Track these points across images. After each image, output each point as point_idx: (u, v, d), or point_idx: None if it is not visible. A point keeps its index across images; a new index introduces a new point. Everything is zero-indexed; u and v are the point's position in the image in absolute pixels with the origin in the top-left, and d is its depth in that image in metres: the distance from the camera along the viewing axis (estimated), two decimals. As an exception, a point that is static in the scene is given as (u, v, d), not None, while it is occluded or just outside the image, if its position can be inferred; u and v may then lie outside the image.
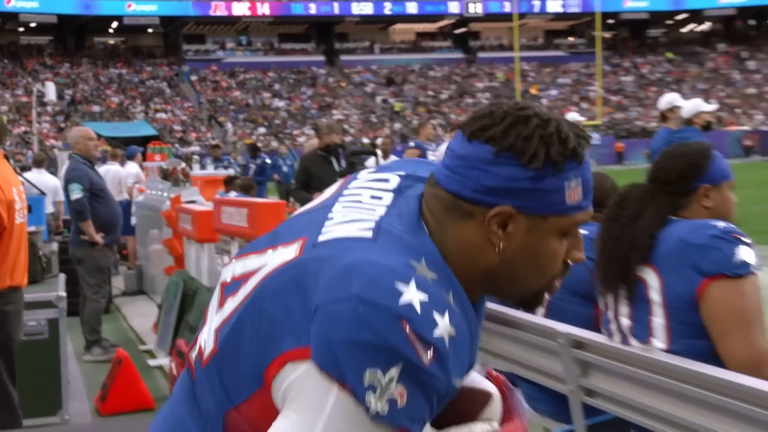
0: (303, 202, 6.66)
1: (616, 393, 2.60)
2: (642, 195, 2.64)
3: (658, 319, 2.50)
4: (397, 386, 1.10)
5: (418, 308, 1.12)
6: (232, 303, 1.30)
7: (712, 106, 7.14)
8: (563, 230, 1.26)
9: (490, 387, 1.43)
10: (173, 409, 1.41)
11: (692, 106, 7.10)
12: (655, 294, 2.49)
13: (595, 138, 12.85)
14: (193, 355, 1.38)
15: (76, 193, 6.71)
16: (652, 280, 2.50)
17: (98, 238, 6.76)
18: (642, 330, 2.55)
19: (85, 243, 6.79)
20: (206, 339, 1.34)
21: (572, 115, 12.19)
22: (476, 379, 1.43)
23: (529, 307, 1.35)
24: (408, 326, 1.10)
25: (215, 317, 1.34)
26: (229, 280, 1.36)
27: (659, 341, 2.50)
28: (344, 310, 1.12)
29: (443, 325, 1.13)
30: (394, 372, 1.10)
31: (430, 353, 1.11)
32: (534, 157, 1.21)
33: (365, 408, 1.10)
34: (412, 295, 1.13)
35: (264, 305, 1.22)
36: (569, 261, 1.30)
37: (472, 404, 1.39)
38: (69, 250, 7.01)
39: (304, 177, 7.28)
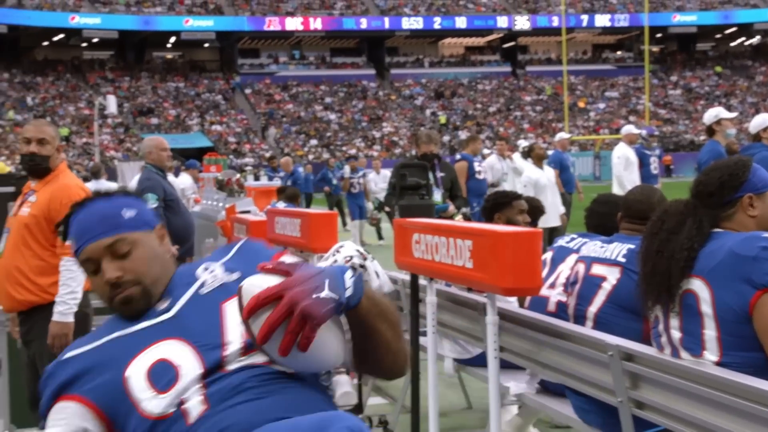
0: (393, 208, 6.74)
1: (666, 405, 2.60)
2: (682, 209, 2.64)
3: (710, 332, 2.49)
4: None
5: None
6: None
7: None
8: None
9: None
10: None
11: (760, 121, 7.01)
12: (706, 306, 2.49)
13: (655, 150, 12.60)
14: None
15: (151, 203, 6.63)
16: (702, 292, 2.50)
17: (173, 250, 6.54)
18: (693, 343, 2.55)
19: None
20: None
21: (628, 128, 12.05)
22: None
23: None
24: None
25: None
26: None
27: (711, 354, 2.49)
28: None
29: None
30: None
31: None
32: None
33: None
34: None
35: None
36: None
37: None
38: None
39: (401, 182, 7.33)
